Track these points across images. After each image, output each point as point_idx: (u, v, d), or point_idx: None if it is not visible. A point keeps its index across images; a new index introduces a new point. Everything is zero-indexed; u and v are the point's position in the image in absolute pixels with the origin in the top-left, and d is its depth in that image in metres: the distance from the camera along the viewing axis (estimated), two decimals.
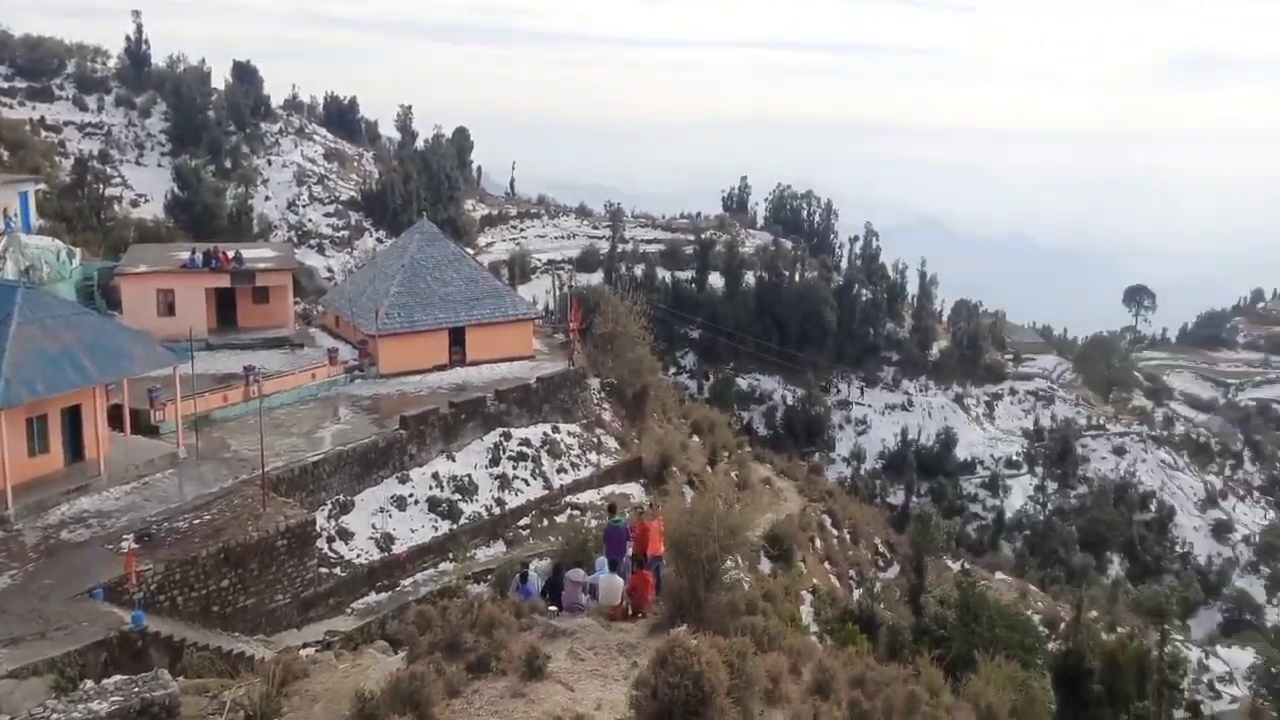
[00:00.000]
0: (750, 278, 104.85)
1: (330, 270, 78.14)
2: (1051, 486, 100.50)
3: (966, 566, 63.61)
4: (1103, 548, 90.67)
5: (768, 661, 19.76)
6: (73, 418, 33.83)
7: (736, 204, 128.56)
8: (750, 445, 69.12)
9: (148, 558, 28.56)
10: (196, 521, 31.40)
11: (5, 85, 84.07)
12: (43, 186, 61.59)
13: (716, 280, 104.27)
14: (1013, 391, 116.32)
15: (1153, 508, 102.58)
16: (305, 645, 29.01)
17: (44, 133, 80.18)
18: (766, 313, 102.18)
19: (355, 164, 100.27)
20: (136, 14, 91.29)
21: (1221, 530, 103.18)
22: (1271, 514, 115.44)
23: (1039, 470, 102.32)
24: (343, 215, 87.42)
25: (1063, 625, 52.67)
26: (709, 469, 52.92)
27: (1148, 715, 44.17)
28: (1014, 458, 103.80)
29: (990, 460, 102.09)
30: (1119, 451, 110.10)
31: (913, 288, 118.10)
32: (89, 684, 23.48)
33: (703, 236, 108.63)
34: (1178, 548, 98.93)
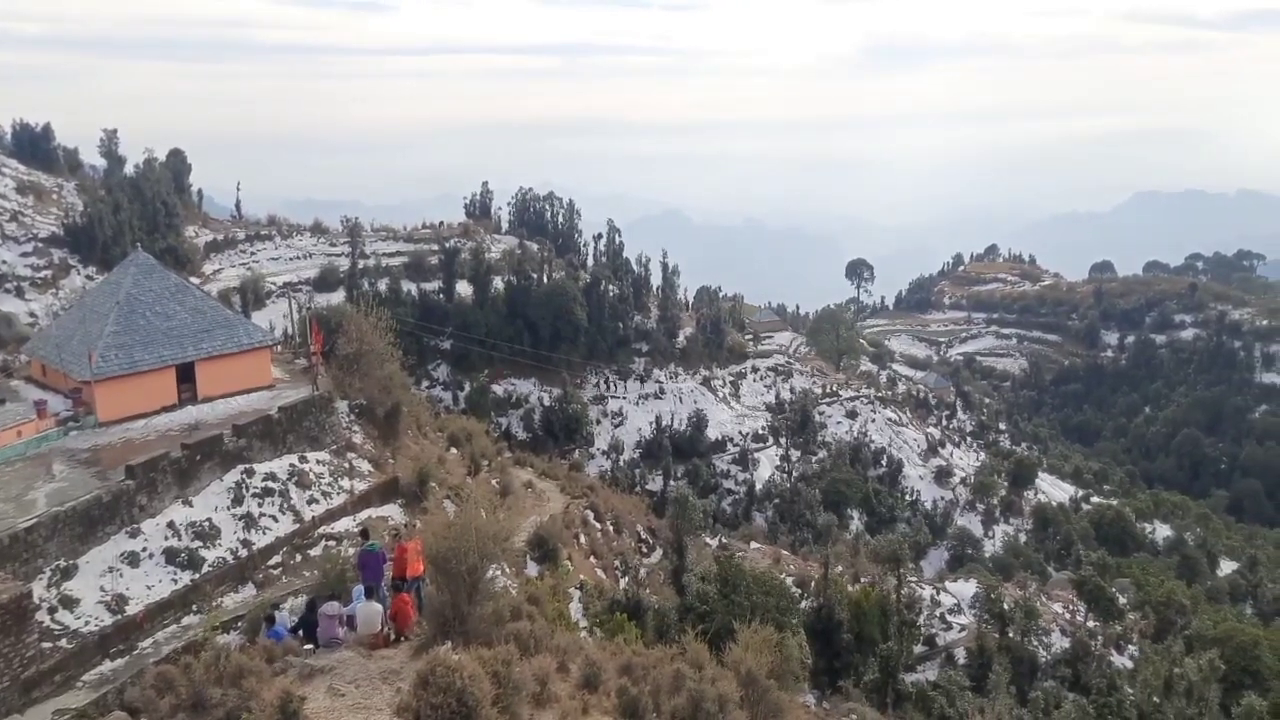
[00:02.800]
0: (499, 283, 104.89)
1: (33, 315, 70.67)
2: (795, 455, 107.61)
3: (724, 541, 67.06)
4: (844, 506, 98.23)
5: (534, 664, 20.14)
6: None
7: (480, 210, 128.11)
8: (510, 451, 69.31)
9: None
10: None
11: None
12: None
13: (465, 288, 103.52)
14: (755, 370, 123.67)
15: (884, 463, 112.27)
16: None
17: None
18: (517, 316, 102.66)
19: (54, 196, 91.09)
20: None
21: (943, 476, 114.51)
22: (983, 456, 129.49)
23: (783, 441, 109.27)
24: (43, 253, 79.21)
25: (813, 583, 56.65)
26: (469, 480, 52.66)
27: (891, 654, 48.41)
28: (760, 432, 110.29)
29: (739, 437, 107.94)
30: (852, 415, 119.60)
31: (656, 279, 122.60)
32: None
33: (447, 245, 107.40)
34: (907, 497, 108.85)
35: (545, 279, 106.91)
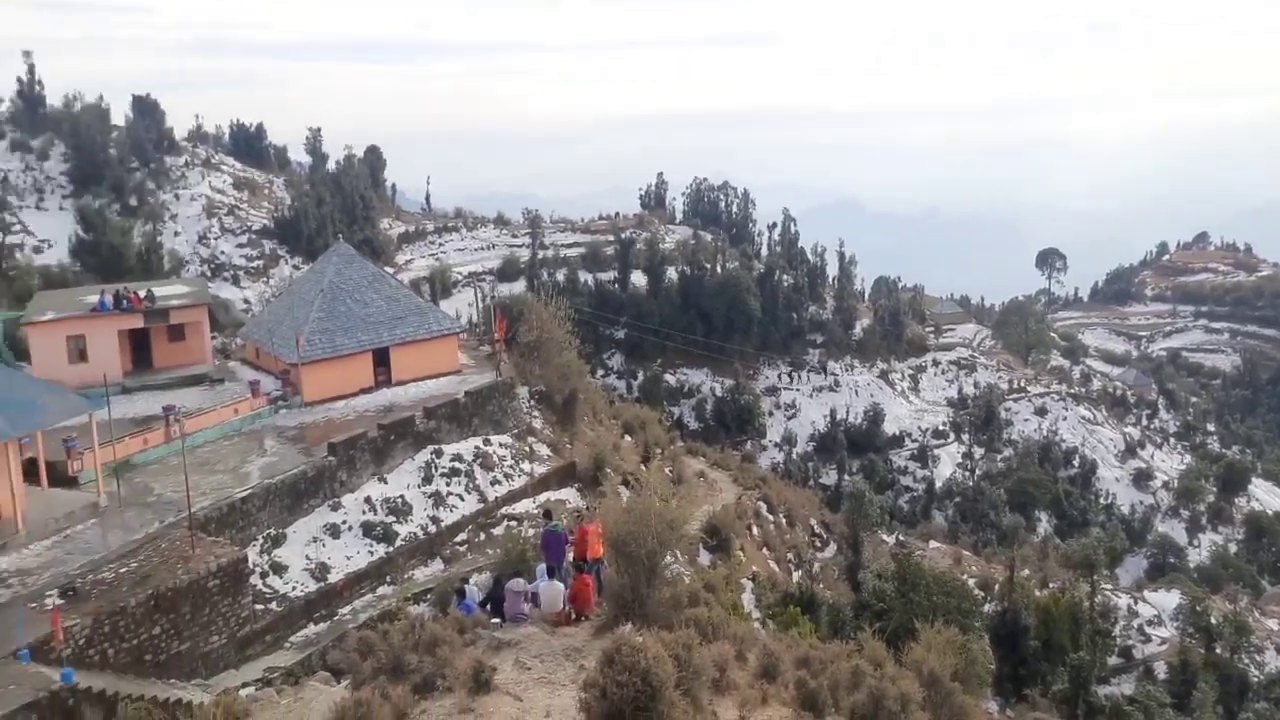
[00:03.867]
0: (672, 273, 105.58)
1: (247, 301, 76.51)
2: (978, 452, 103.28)
3: (901, 539, 65.15)
4: (1031, 507, 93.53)
5: (713, 651, 20.13)
6: None
7: (654, 201, 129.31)
8: (682, 440, 69.73)
9: (74, 613, 27.85)
10: (123, 570, 30.65)
11: None
12: None
13: (639, 279, 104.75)
14: (935, 363, 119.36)
15: (1076, 463, 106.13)
16: (245, 685, 28.61)
17: None
18: (691, 306, 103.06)
19: (266, 191, 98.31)
20: (27, 54, 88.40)
21: (1142, 479, 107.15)
22: (1188, 458, 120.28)
23: (965, 438, 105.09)
24: (256, 244, 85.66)
25: (997, 586, 54.24)
26: (643, 467, 53.30)
27: (1083, 664, 45.73)
28: (941, 428, 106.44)
29: (918, 432, 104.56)
30: (1041, 412, 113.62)
31: (833, 269, 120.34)
32: None
33: (622, 236, 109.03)
34: (1102, 500, 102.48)
35: (719, 269, 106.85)
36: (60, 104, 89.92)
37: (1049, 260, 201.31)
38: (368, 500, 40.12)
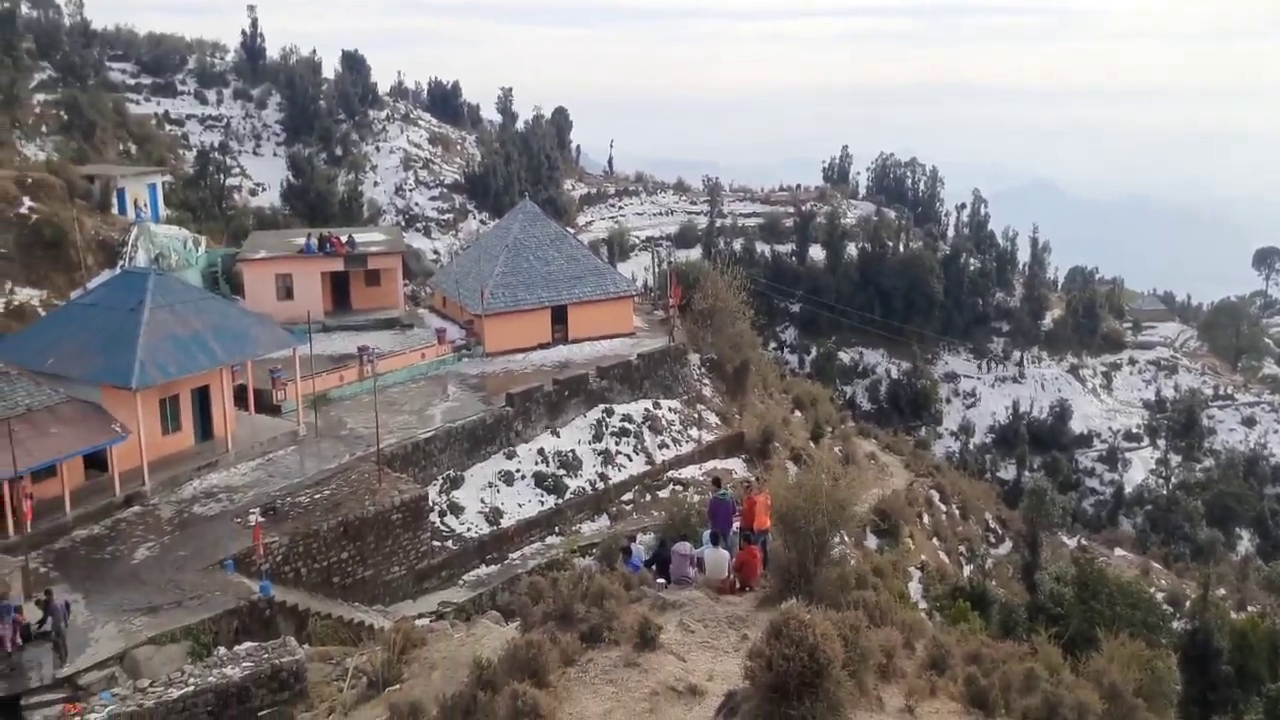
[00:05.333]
0: (852, 249, 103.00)
1: (436, 252, 79.88)
2: (1175, 460, 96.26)
3: (1083, 543, 61.64)
4: (1231, 523, 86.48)
5: (880, 636, 19.57)
6: (202, 398, 35.55)
7: (837, 175, 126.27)
8: (854, 420, 68.23)
9: (274, 531, 29.93)
10: (317, 496, 32.70)
11: (132, 81, 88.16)
12: (169, 178, 64.54)
13: (818, 253, 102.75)
14: (1132, 361, 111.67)
15: None
16: (420, 616, 30.03)
17: (168, 126, 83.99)
18: (870, 284, 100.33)
19: (459, 147, 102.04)
20: (251, 9, 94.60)
21: None
22: None
23: (1161, 443, 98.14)
24: (447, 198, 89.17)
25: (1188, 603, 50.52)
26: (812, 444, 52.46)
27: None
28: (1134, 430, 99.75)
29: (1108, 433, 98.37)
30: (1249, 423, 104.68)
31: (1024, 255, 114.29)
32: (222, 650, 24.81)
33: (803, 209, 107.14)
34: None
35: (902, 248, 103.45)
36: (278, 57, 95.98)
37: (1268, 260, 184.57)
38: (540, 452, 41.23)
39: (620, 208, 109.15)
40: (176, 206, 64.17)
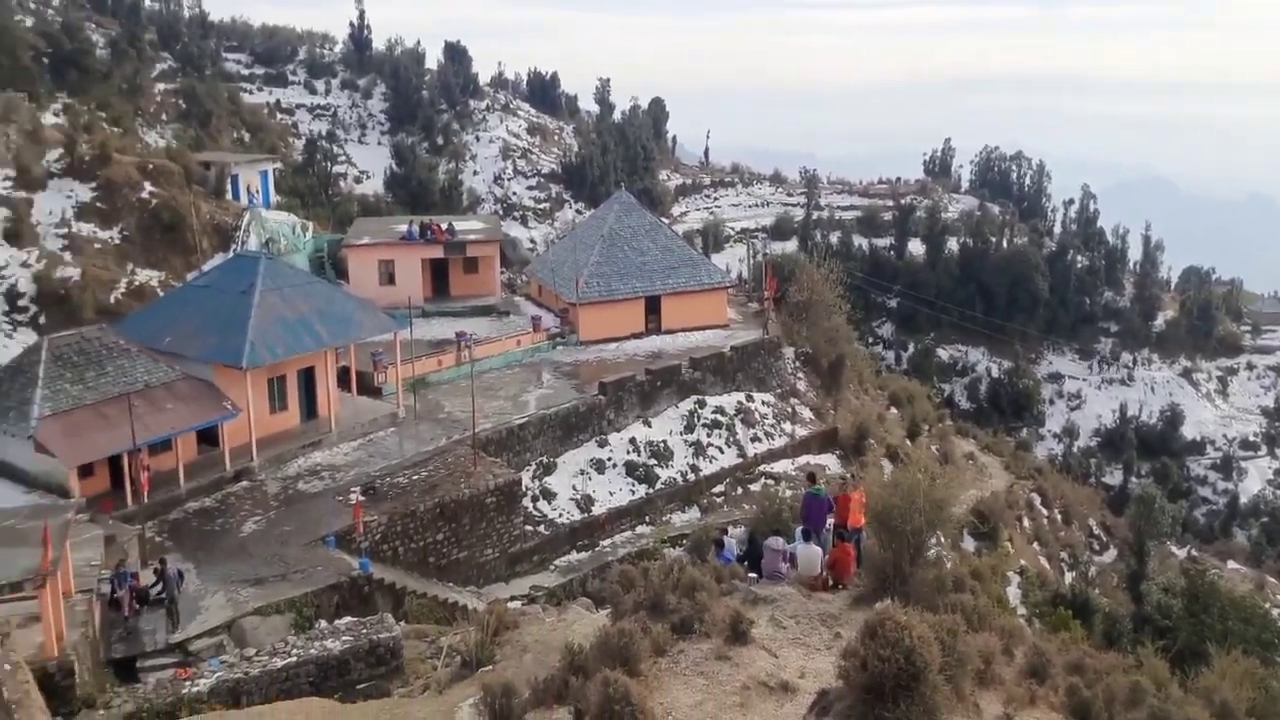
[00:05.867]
0: (953, 244, 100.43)
1: (533, 241, 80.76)
2: None
3: (1194, 553, 59.03)
4: None
5: (979, 641, 19.08)
6: (307, 379, 36.69)
7: (939, 167, 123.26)
8: (952, 419, 66.64)
9: (373, 509, 30.73)
10: (415, 477, 33.46)
11: (246, 72, 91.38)
12: (279, 165, 66.74)
13: (917, 247, 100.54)
14: (1250, 366, 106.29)
15: None
16: (512, 598, 30.49)
17: (279, 115, 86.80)
18: (971, 280, 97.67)
19: (556, 137, 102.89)
20: (359, 1, 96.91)
21: None
22: None
23: None
24: (544, 188, 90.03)
25: None
26: (908, 442, 51.43)
27: None
28: (1251, 438, 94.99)
29: (1223, 440, 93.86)
30: None
31: (1135, 253, 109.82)
32: (323, 623, 25.59)
33: (902, 202, 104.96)
34: None
35: (1005, 243, 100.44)
36: (384, 48, 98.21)
37: None
38: (632, 441, 41.37)
39: (715, 199, 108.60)
40: (286, 193, 66.31)
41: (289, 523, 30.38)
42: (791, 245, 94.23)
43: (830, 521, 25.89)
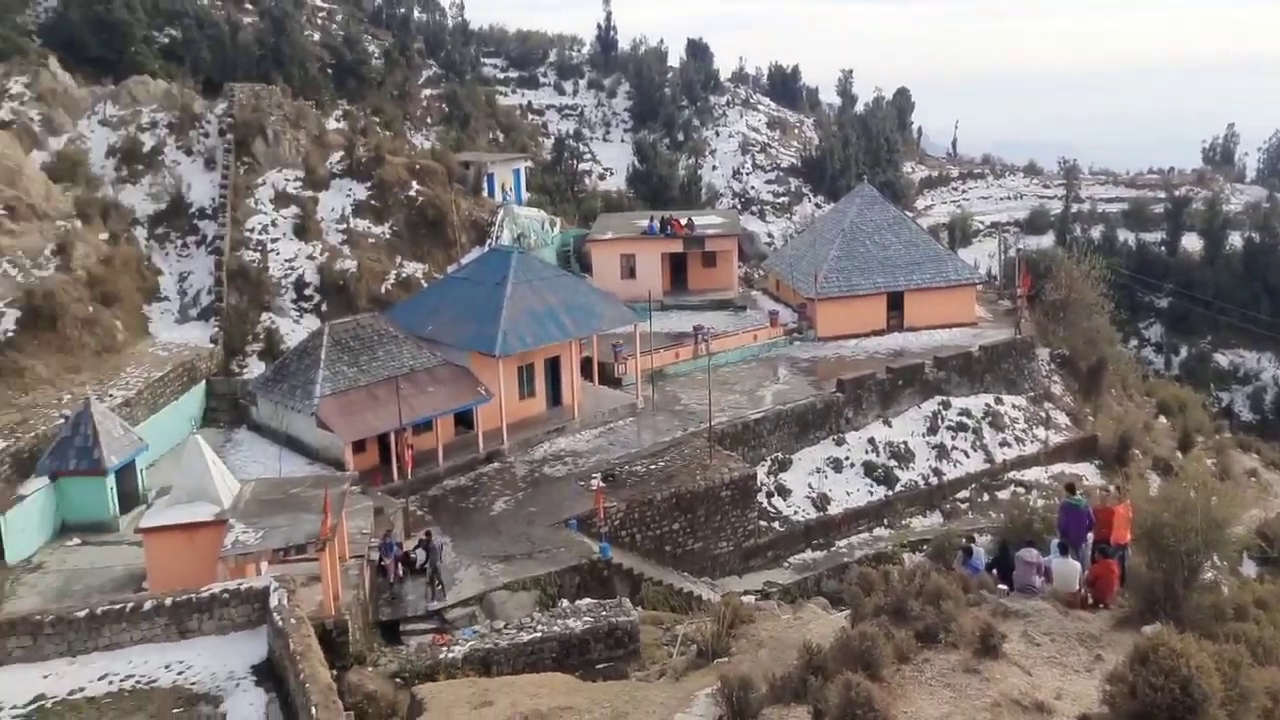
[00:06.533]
0: (1236, 239, 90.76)
1: (770, 235, 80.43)
2: None
3: None
4: None
5: (1265, 676, 17.17)
6: (553, 368, 38.33)
7: (1220, 156, 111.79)
8: (1231, 431, 60.29)
9: (613, 496, 31.65)
10: (652, 467, 34.17)
11: (501, 75, 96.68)
12: (530, 164, 70.11)
13: (1193, 242, 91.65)
14: None
15: None
16: (746, 592, 30.47)
17: (530, 116, 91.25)
18: (1256, 279, 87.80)
19: (796, 131, 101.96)
20: (606, 2, 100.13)
21: None
22: None
23: None
24: (783, 182, 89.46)
25: None
26: (1180, 454, 47.01)
27: None
28: None
29: None
30: None
31: None
32: (565, 603, 26.63)
33: (1176, 194, 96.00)
34: None
35: None
36: (629, 47, 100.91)
37: None
38: (871, 441, 40.32)
39: (963, 191, 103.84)
40: (536, 190, 69.56)
41: (535, 504, 31.84)
42: (1047, 240, 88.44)
43: (1090, 535, 24.14)
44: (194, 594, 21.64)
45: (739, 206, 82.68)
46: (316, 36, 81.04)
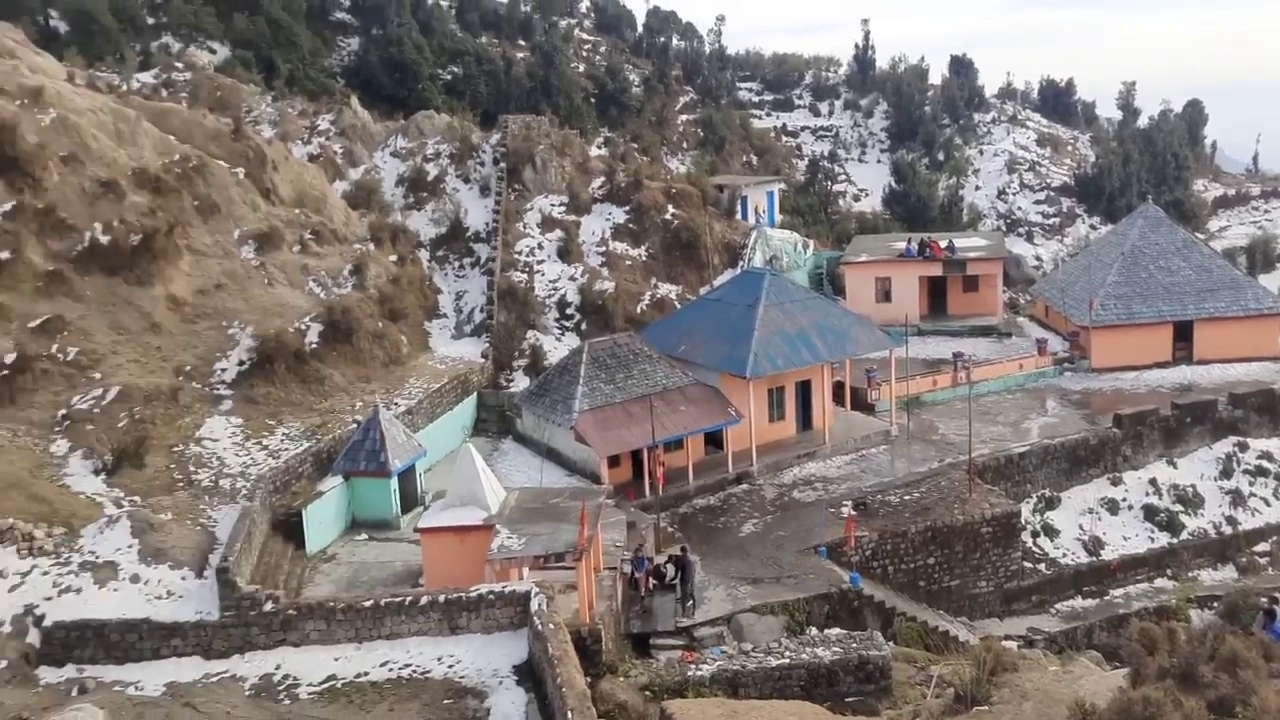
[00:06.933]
0: None
1: (1039, 259, 75.76)
2: None
3: None
4: None
5: None
6: (804, 391, 37.96)
7: None
8: None
9: (864, 525, 30.83)
10: (906, 497, 32.99)
11: (756, 99, 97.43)
12: (783, 186, 70.02)
13: None
14: None
15: None
16: (1007, 637, 28.70)
17: (784, 138, 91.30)
18: None
19: (1069, 148, 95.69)
20: (865, 22, 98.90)
21: None
22: None
23: None
24: (1054, 202, 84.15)
25: None
26: None
27: None
28: None
29: None
30: None
31: None
32: (814, 630, 26.18)
33: None
34: None
35: None
36: (887, 66, 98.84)
37: None
38: (1152, 482, 36.98)
39: (1266, 211, 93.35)
40: (789, 212, 69.34)
41: (783, 528, 31.57)
42: None
43: None
44: (464, 593, 23.13)
45: (1004, 228, 78.57)
46: (581, 68, 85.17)
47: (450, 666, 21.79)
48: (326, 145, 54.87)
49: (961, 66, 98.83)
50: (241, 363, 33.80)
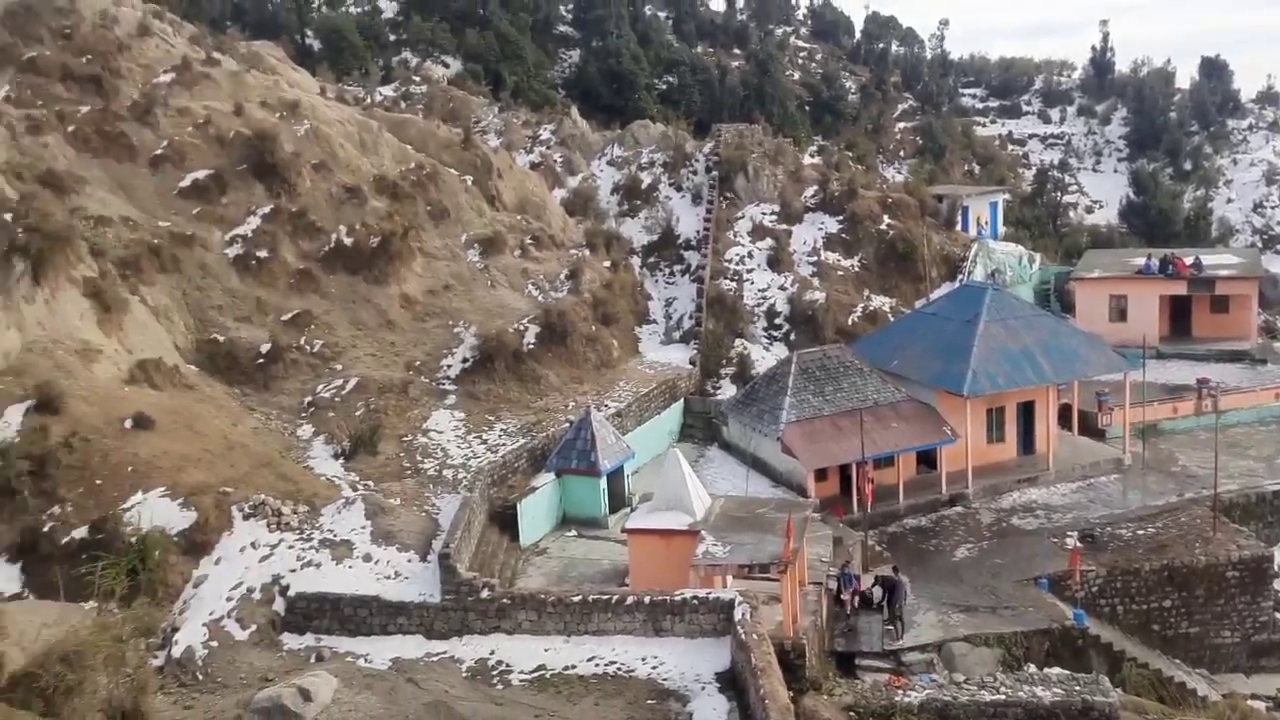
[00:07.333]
0: None
1: None
2: None
3: None
4: None
5: None
6: (1026, 413, 35.87)
7: None
8: None
9: (1091, 559, 28.78)
10: (1140, 532, 30.56)
11: (980, 105, 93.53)
12: (1008, 196, 66.71)
13: None
14: None
15: None
16: (1254, 696, 26.01)
17: (1010, 146, 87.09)
18: None
19: None
20: (1103, 23, 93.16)
21: None
22: None
23: None
24: None
25: None
26: None
27: None
28: None
29: None
30: None
31: None
32: (1032, 668, 24.62)
33: None
34: None
35: None
36: (1128, 70, 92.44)
37: None
38: None
39: None
40: (1013, 224, 66.02)
41: (1000, 555, 29.93)
42: None
43: None
44: (669, 596, 23.27)
45: (1261, 244, 71.65)
46: (796, 76, 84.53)
47: (654, 668, 21.96)
48: (547, 154, 57.01)
49: (1214, 68, 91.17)
50: (465, 360, 35.61)
